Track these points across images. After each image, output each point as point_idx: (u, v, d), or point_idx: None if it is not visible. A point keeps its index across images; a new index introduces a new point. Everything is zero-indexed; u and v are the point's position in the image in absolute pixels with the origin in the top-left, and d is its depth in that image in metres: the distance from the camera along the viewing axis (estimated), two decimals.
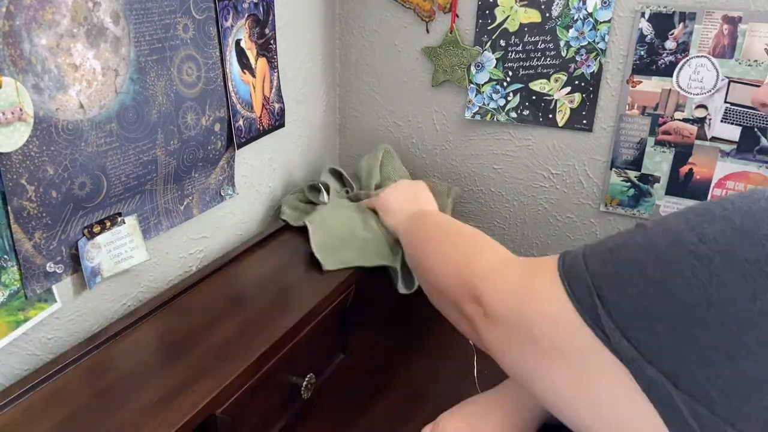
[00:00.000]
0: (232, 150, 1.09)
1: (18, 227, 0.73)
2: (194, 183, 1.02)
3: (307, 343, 0.97)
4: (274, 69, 1.17)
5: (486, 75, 1.28)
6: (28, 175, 0.73)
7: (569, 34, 1.19)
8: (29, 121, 0.71)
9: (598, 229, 1.29)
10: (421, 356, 1.16)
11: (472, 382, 1.00)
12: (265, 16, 1.11)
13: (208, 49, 0.98)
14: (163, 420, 0.71)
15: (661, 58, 1.14)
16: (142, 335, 0.88)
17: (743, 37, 1.07)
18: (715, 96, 1.12)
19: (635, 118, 1.19)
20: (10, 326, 0.76)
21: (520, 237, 1.37)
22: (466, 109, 1.32)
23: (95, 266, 0.85)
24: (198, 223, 1.07)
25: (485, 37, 1.26)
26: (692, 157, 1.17)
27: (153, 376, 0.79)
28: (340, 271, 1.05)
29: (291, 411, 0.96)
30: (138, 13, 0.84)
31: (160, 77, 0.89)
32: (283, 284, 1.02)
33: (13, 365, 0.79)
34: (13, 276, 0.74)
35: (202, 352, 0.84)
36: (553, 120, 1.25)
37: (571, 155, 1.27)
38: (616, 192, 1.25)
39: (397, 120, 1.41)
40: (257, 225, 1.24)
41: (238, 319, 0.91)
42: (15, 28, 0.68)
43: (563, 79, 1.22)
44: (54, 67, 0.74)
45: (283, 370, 0.92)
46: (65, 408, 0.73)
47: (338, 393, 1.04)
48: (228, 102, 1.04)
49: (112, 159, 0.84)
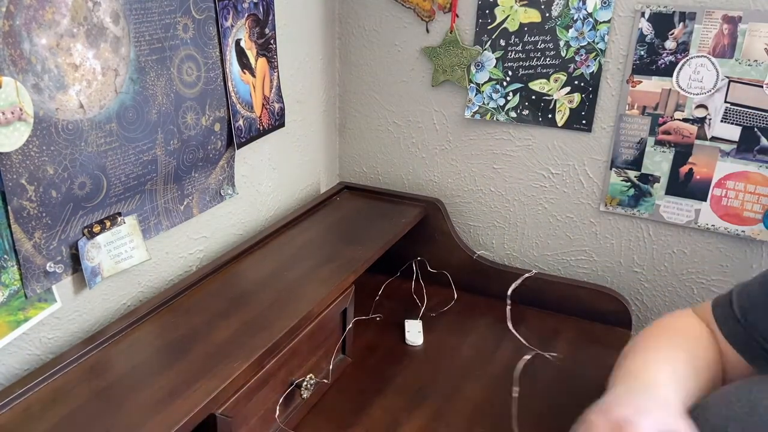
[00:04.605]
0: (232, 150, 1.09)
1: (18, 227, 0.73)
2: (194, 183, 1.02)
3: (307, 343, 0.97)
4: (274, 69, 1.17)
5: (486, 74, 1.28)
6: (28, 175, 0.73)
7: (569, 34, 1.19)
8: (29, 121, 0.71)
9: (598, 229, 1.29)
10: (421, 356, 1.16)
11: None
12: (265, 16, 1.11)
13: (208, 48, 0.98)
14: (163, 420, 0.71)
15: (661, 58, 1.14)
16: (142, 335, 0.88)
17: (743, 37, 1.07)
18: (715, 96, 1.12)
19: (635, 117, 1.19)
20: (10, 326, 0.76)
21: (520, 237, 1.37)
22: (466, 109, 1.32)
23: (95, 266, 0.85)
24: (198, 223, 1.07)
25: (485, 36, 1.26)
26: (692, 157, 1.17)
27: (153, 376, 0.79)
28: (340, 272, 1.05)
29: (291, 411, 0.96)
30: (138, 13, 0.84)
31: (160, 77, 0.89)
32: (283, 284, 1.02)
33: (13, 365, 0.79)
34: (13, 276, 0.74)
35: (202, 352, 0.84)
36: (552, 120, 1.25)
37: (570, 155, 1.27)
38: (616, 192, 1.24)
39: (397, 120, 1.41)
40: (257, 225, 1.24)
41: (238, 319, 0.91)
42: (15, 28, 0.68)
43: (563, 79, 1.22)
44: (54, 67, 0.74)
45: (283, 370, 0.92)
46: (65, 407, 0.73)
47: (338, 393, 1.04)
48: (228, 102, 1.04)
49: (112, 159, 0.84)
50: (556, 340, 1.21)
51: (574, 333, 1.23)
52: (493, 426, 0.98)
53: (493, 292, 1.33)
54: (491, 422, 0.99)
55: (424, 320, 1.25)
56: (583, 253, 1.33)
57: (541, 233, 1.35)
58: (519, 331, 1.23)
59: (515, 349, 1.18)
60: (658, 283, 1.28)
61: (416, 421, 0.99)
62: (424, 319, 1.26)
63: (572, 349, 1.19)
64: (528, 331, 1.23)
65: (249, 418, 0.86)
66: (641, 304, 1.31)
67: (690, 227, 1.21)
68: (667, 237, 1.24)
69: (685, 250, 1.24)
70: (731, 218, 1.17)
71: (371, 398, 1.04)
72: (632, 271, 1.30)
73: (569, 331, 1.24)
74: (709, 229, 1.19)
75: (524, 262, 1.38)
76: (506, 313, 1.27)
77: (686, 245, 1.23)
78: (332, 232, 1.23)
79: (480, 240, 1.41)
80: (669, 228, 1.23)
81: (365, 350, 1.16)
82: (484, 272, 1.34)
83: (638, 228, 1.26)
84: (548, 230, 1.34)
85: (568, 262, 1.35)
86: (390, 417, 1.00)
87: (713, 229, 1.19)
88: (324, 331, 1.03)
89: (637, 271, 1.29)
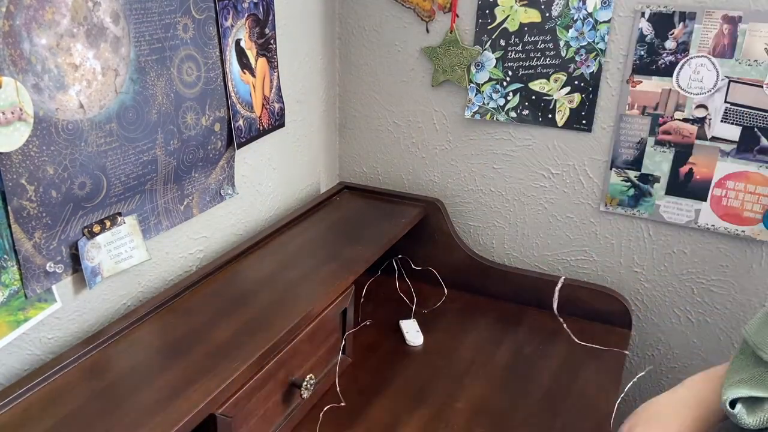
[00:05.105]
0: (232, 150, 1.09)
1: (18, 227, 0.73)
2: (194, 183, 1.02)
3: (307, 343, 0.97)
4: (274, 69, 1.17)
5: (486, 74, 1.28)
6: (28, 175, 0.73)
7: (569, 34, 1.19)
8: (29, 121, 0.71)
9: (598, 229, 1.29)
10: (421, 356, 1.16)
11: None
12: (265, 16, 1.11)
13: (208, 48, 0.98)
14: (162, 420, 0.71)
15: (661, 58, 1.14)
16: (142, 335, 0.88)
17: (743, 37, 1.07)
18: (715, 96, 1.12)
19: (635, 117, 1.19)
20: (10, 326, 0.76)
21: (520, 237, 1.37)
22: (466, 109, 1.32)
23: (95, 266, 0.85)
24: (198, 223, 1.07)
25: (485, 36, 1.26)
26: (692, 157, 1.17)
27: (153, 376, 0.79)
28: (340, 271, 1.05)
29: (291, 411, 0.96)
30: (138, 13, 0.84)
31: (160, 77, 0.89)
32: (282, 284, 1.02)
33: (13, 365, 0.79)
34: (13, 276, 0.74)
35: (202, 352, 0.84)
36: (552, 120, 1.25)
37: (570, 155, 1.27)
38: (616, 192, 1.24)
39: (397, 120, 1.41)
40: (257, 225, 1.24)
41: (238, 319, 0.91)
42: (15, 28, 0.68)
43: (563, 79, 1.22)
44: (54, 67, 0.74)
45: (283, 370, 0.92)
46: (65, 407, 0.73)
47: (338, 393, 1.04)
48: (228, 102, 1.04)
49: (112, 159, 0.84)
50: (556, 340, 1.21)
51: (574, 333, 1.23)
52: (493, 426, 0.98)
53: (493, 291, 1.34)
54: (491, 422, 0.99)
55: (419, 319, 1.25)
56: (583, 253, 1.33)
57: (541, 233, 1.35)
58: (519, 331, 1.23)
59: (515, 349, 1.18)
60: (658, 283, 1.28)
61: (416, 421, 0.99)
62: (417, 317, 1.26)
63: (572, 349, 1.19)
64: (528, 331, 1.23)
65: (249, 418, 0.86)
66: (641, 304, 1.31)
67: (690, 227, 1.21)
68: (667, 237, 1.24)
69: (685, 250, 1.24)
70: (731, 218, 1.17)
71: (371, 398, 1.04)
72: (632, 271, 1.30)
73: (569, 331, 1.24)
74: (709, 229, 1.19)
75: (524, 262, 1.38)
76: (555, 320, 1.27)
77: (686, 245, 1.23)
78: (332, 232, 1.23)
79: (480, 240, 1.41)
80: (669, 228, 1.23)
81: (365, 350, 1.16)
82: (484, 272, 1.34)
83: (638, 228, 1.26)
84: (548, 230, 1.34)
85: (568, 262, 1.35)
86: (390, 417, 1.00)
87: (713, 229, 1.19)
88: (324, 331, 1.03)
89: (637, 271, 1.29)
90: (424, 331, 1.21)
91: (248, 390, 0.83)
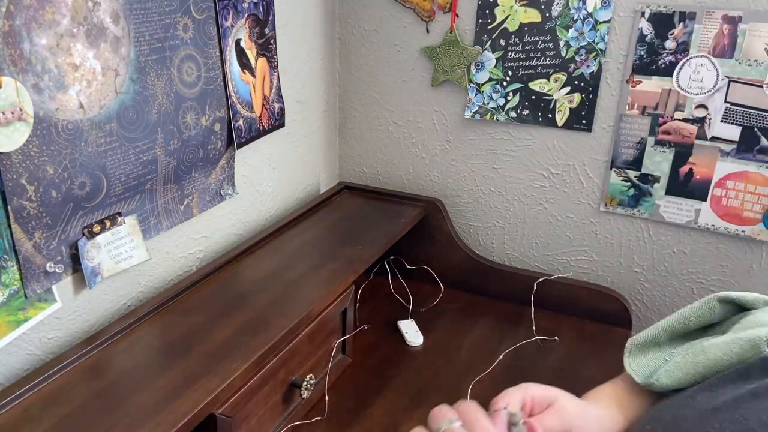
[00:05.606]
0: (232, 150, 1.09)
1: (18, 227, 0.73)
2: (194, 183, 1.02)
3: (308, 343, 0.97)
4: (274, 69, 1.17)
5: (486, 74, 1.28)
6: (28, 175, 0.73)
7: (569, 34, 1.19)
8: (29, 121, 0.71)
9: (598, 229, 1.29)
10: (421, 356, 1.16)
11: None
12: (265, 16, 1.11)
13: (208, 48, 0.98)
14: (162, 420, 0.71)
15: (661, 57, 1.14)
16: (142, 335, 0.88)
17: (743, 37, 1.07)
18: (715, 96, 1.12)
19: (635, 117, 1.19)
20: (10, 326, 0.76)
21: (520, 237, 1.37)
22: (466, 109, 1.32)
23: (95, 266, 0.85)
24: (198, 223, 1.07)
25: (485, 36, 1.26)
26: (692, 157, 1.17)
27: (153, 376, 0.79)
28: (340, 271, 1.05)
29: (291, 411, 0.96)
30: (138, 12, 0.84)
31: (160, 77, 0.89)
32: (283, 284, 1.02)
33: (13, 365, 0.79)
34: (13, 276, 0.74)
35: (202, 352, 0.84)
36: (552, 120, 1.25)
37: (570, 155, 1.27)
38: (616, 192, 1.24)
39: (397, 120, 1.41)
40: (257, 225, 1.24)
41: (238, 319, 0.91)
42: (15, 28, 0.68)
43: (563, 79, 1.22)
44: (54, 67, 0.74)
45: (283, 370, 0.92)
46: (65, 407, 0.73)
47: (338, 393, 1.04)
48: (228, 102, 1.04)
49: (112, 159, 0.84)
50: (555, 340, 1.21)
51: (574, 333, 1.23)
52: None
53: (492, 291, 1.34)
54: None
55: (417, 319, 1.25)
56: (583, 253, 1.33)
57: (541, 233, 1.35)
58: (519, 331, 1.23)
59: (515, 349, 1.18)
60: (658, 283, 1.28)
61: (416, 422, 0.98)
62: (415, 317, 1.26)
63: (572, 349, 1.19)
64: (528, 331, 1.23)
65: (249, 418, 0.86)
66: (641, 304, 1.31)
67: (690, 227, 1.21)
68: (667, 237, 1.24)
69: (685, 250, 1.24)
70: (731, 218, 1.17)
71: (371, 398, 1.04)
72: (632, 271, 1.30)
73: (569, 331, 1.24)
74: (709, 229, 1.19)
75: (524, 262, 1.38)
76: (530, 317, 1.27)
77: (686, 245, 1.23)
78: (332, 232, 1.23)
79: (480, 240, 1.41)
80: (669, 228, 1.23)
81: (365, 350, 1.16)
82: (484, 272, 1.34)
83: (638, 228, 1.26)
84: (548, 230, 1.34)
85: (568, 262, 1.35)
86: (390, 417, 1.00)
87: (713, 229, 1.19)
88: (324, 331, 1.03)
89: (637, 271, 1.29)
90: (423, 331, 1.21)
91: (248, 390, 0.83)
